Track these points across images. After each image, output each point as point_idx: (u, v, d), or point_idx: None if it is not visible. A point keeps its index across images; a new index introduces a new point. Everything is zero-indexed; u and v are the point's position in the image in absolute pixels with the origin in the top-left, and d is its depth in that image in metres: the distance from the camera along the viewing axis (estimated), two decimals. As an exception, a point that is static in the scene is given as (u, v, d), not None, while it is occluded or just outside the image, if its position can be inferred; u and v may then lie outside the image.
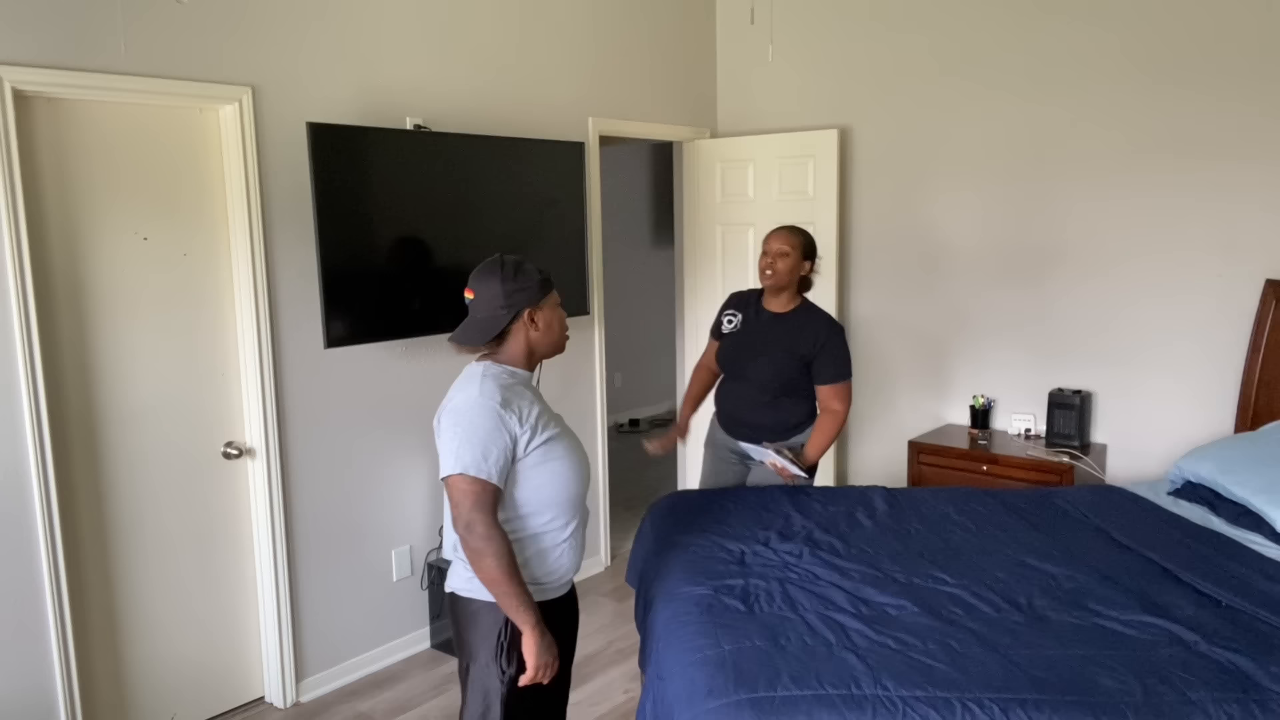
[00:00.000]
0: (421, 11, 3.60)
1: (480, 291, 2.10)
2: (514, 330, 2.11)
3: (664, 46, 4.71)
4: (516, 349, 2.13)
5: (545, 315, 2.14)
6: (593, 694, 3.48)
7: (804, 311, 3.32)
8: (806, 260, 3.28)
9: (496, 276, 2.08)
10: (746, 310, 3.38)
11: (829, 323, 3.29)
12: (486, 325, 2.09)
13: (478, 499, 1.97)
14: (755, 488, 3.35)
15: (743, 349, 3.34)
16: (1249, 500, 2.92)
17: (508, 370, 2.11)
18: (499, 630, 2.08)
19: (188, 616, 3.20)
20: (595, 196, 4.32)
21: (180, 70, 2.94)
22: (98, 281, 2.90)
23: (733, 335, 3.37)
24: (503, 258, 2.12)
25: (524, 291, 2.09)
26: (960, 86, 4.25)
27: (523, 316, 2.11)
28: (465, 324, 2.13)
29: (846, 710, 1.91)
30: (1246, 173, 3.58)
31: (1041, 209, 4.09)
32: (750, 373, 3.32)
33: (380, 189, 3.38)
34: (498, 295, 2.08)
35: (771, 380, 3.28)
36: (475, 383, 2.05)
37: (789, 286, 3.28)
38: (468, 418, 2.00)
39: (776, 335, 3.28)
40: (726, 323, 3.40)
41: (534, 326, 2.13)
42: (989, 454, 3.95)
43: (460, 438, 1.98)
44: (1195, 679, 2.00)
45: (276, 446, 3.28)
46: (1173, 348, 3.82)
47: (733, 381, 3.41)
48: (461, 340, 2.12)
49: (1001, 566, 2.64)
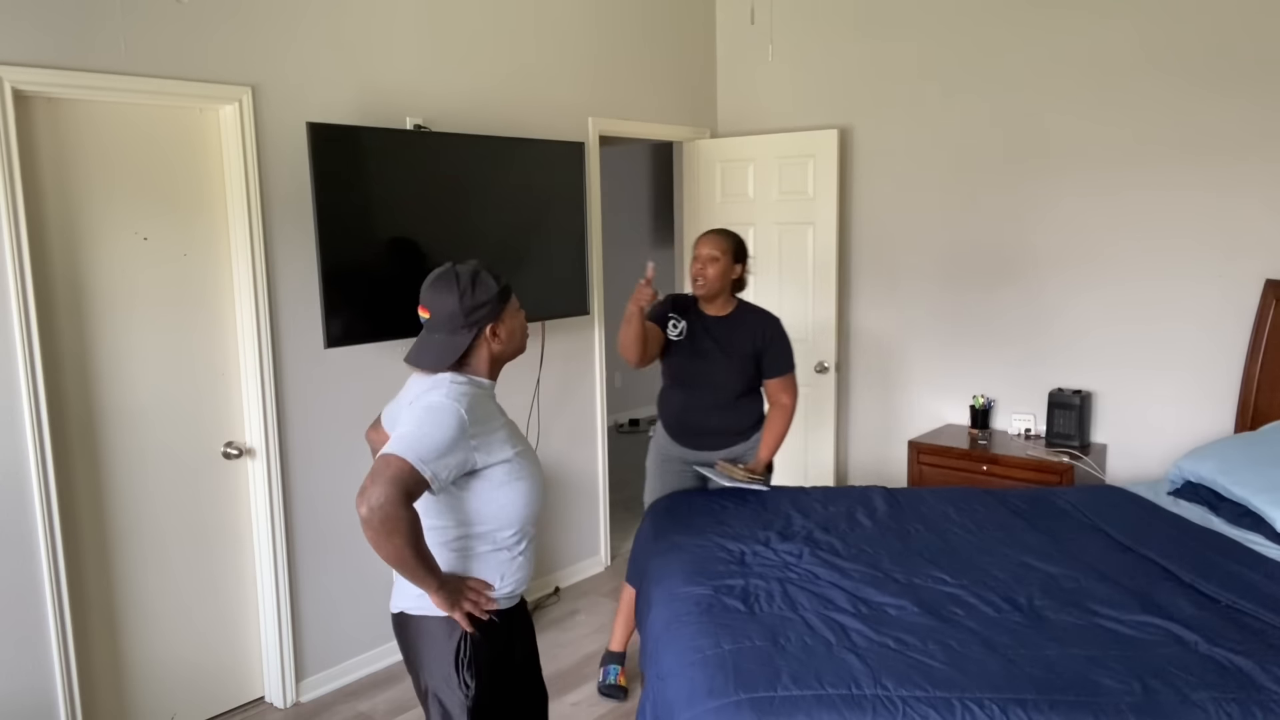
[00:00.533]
0: (421, 11, 3.60)
1: (437, 310, 1.96)
2: (476, 346, 2.00)
3: (664, 46, 4.71)
4: (480, 363, 2.02)
5: (507, 326, 2.04)
6: (593, 694, 3.48)
7: (743, 310, 3.32)
8: (737, 263, 3.24)
9: (453, 293, 1.95)
10: (688, 316, 3.31)
11: (770, 317, 3.31)
12: (447, 348, 1.97)
13: (403, 483, 1.80)
14: (754, 488, 3.34)
15: (696, 357, 3.28)
16: (1249, 500, 2.92)
17: (474, 381, 2.00)
18: (456, 646, 1.99)
19: (188, 616, 3.20)
20: (595, 196, 4.32)
21: (180, 70, 2.94)
22: (98, 281, 2.90)
23: (681, 344, 3.29)
24: (456, 270, 1.98)
25: (484, 307, 1.97)
26: (961, 86, 4.25)
27: (484, 333, 2.00)
28: (422, 344, 2.00)
29: (846, 710, 1.91)
30: (1246, 172, 3.58)
31: (1041, 208, 4.09)
32: (709, 379, 3.29)
33: (380, 189, 3.38)
34: (457, 315, 1.95)
35: (734, 383, 3.28)
36: (442, 388, 1.95)
37: (722, 291, 3.24)
38: (431, 418, 1.88)
39: (727, 338, 3.26)
40: (672, 327, 3.29)
41: (496, 339, 2.02)
42: (989, 454, 3.95)
43: (416, 429, 1.87)
44: (1195, 679, 2.00)
45: (276, 446, 3.28)
46: (1173, 348, 3.82)
47: (686, 389, 3.34)
48: (421, 364, 2.00)
49: (1001, 566, 2.64)
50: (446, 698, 2.00)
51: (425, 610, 2.01)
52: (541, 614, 4.18)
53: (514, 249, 3.89)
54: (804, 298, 4.68)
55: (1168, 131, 3.74)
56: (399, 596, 2.07)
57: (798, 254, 4.67)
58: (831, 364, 4.64)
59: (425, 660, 2.03)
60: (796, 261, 4.68)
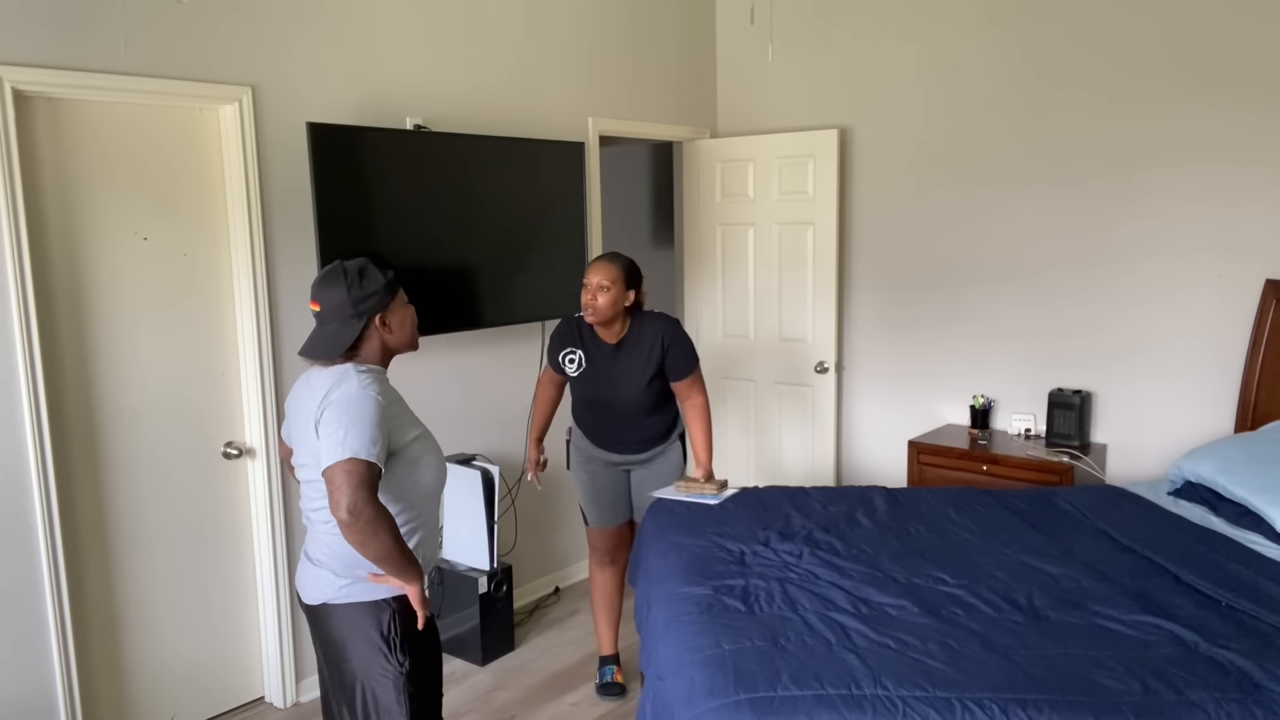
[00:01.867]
0: (422, 11, 3.60)
1: (326, 302, 2.08)
2: (368, 336, 2.11)
3: (664, 46, 4.71)
4: (371, 352, 2.13)
5: (396, 316, 2.15)
6: (593, 694, 3.48)
7: (639, 325, 3.19)
8: (630, 289, 3.12)
9: (341, 285, 2.06)
10: (584, 345, 3.22)
11: (664, 320, 3.21)
12: (338, 337, 2.08)
13: (363, 479, 1.93)
14: (755, 488, 3.35)
15: (600, 385, 3.23)
16: (1249, 500, 2.92)
17: (372, 369, 2.11)
18: (386, 624, 2.09)
19: (188, 616, 3.20)
20: (595, 196, 4.32)
21: (180, 70, 2.94)
22: (98, 281, 2.90)
23: (583, 375, 3.23)
24: (344, 265, 2.10)
25: (372, 298, 2.08)
26: (960, 86, 4.25)
27: (374, 323, 2.10)
28: (315, 336, 2.11)
29: (846, 710, 1.91)
30: (1246, 173, 3.58)
31: (1041, 208, 4.08)
32: (618, 403, 3.24)
33: (380, 189, 3.38)
34: (345, 305, 2.06)
35: (645, 402, 3.23)
36: (351, 378, 2.04)
37: (615, 319, 3.13)
38: (353, 408, 1.98)
39: (629, 360, 3.19)
40: (569, 364, 3.24)
41: (386, 330, 2.13)
42: (989, 454, 3.95)
43: (345, 426, 1.96)
44: (1195, 679, 1.99)
45: (276, 446, 3.28)
46: (1173, 348, 3.82)
47: (597, 411, 3.31)
48: (314, 355, 2.10)
49: (1001, 566, 2.64)
50: (377, 678, 2.09)
51: (350, 597, 2.10)
52: (541, 614, 4.18)
53: (514, 249, 3.89)
54: (804, 298, 4.68)
55: (1169, 131, 3.74)
56: (316, 588, 2.14)
57: (798, 254, 4.67)
58: (831, 364, 4.64)
59: (353, 646, 2.10)
60: (796, 261, 4.68)
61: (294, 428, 2.15)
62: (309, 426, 2.04)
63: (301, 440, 2.10)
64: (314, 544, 2.16)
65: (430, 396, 3.66)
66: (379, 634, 2.09)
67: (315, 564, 2.14)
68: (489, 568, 3.70)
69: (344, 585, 2.09)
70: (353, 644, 2.10)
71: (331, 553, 2.10)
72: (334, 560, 2.10)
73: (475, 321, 3.77)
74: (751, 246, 4.83)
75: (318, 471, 2.02)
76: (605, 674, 3.50)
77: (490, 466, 3.67)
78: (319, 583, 2.13)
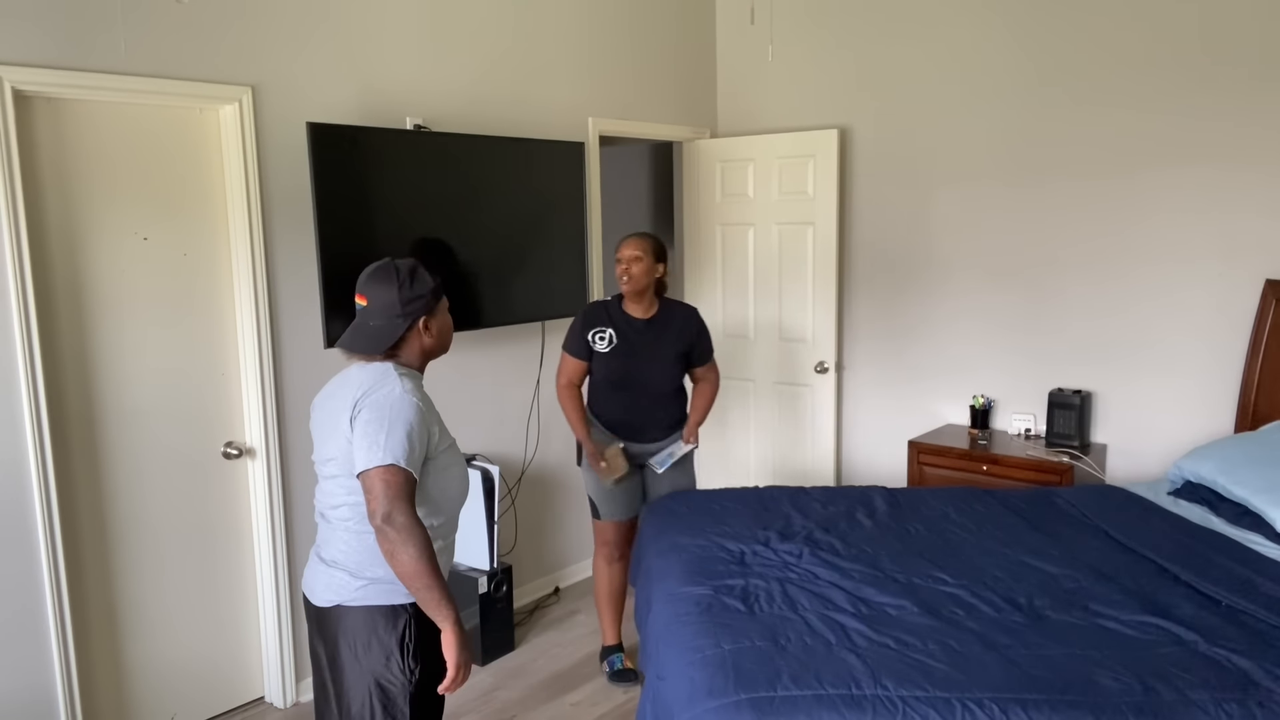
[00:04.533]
0: (421, 11, 3.60)
1: (375, 299, 2.06)
2: (410, 337, 2.10)
3: (664, 46, 4.71)
4: (411, 354, 2.12)
5: (438, 321, 2.15)
6: (593, 694, 3.48)
7: (667, 308, 3.46)
8: (659, 263, 3.37)
9: (393, 284, 2.05)
10: (614, 324, 3.38)
11: (692, 311, 3.50)
12: (382, 334, 2.07)
13: (401, 489, 1.92)
14: (755, 488, 3.36)
15: (630, 360, 3.37)
16: (1249, 500, 2.92)
17: (411, 372, 2.10)
18: (401, 631, 2.05)
19: (188, 616, 3.20)
20: (595, 196, 4.32)
21: (180, 70, 2.94)
22: (98, 281, 2.90)
23: (613, 351, 3.36)
24: (396, 264, 2.08)
25: (420, 300, 2.08)
26: (960, 86, 4.25)
27: (418, 325, 2.10)
28: (356, 330, 2.09)
29: (846, 710, 1.91)
30: (1247, 173, 3.58)
31: (1041, 208, 4.08)
32: (646, 379, 3.40)
33: (380, 189, 3.38)
34: (394, 304, 2.05)
35: (671, 381, 3.45)
36: (393, 381, 2.02)
37: (647, 289, 3.37)
38: (394, 411, 1.96)
39: (660, 338, 3.39)
40: (599, 341, 3.37)
41: (428, 334, 2.13)
42: (989, 454, 3.95)
43: (386, 429, 1.94)
44: (1195, 679, 2.00)
45: (276, 446, 3.28)
46: (1173, 348, 3.82)
47: (624, 390, 3.42)
48: (355, 348, 2.08)
49: (1001, 566, 2.64)
50: (389, 685, 2.05)
51: (366, 600, 2.05)
52: (541, 614, 4.18)
53: (514, 249, 3.89)
54: (804, 298, 4.68)
55: (1168, 131, 3.74)
56: (330, 589, 2.08)
57: (798, 254, 4.67)
58: (831, 364, 4.64)
59: (364, 650, 2.05)
60: (796, 261, 4.68)
61: (322, 422, 2.11)
62: (340, 419, 2.01)
63: (330, 434, 2.05)
64: (327, 544, 2.11)
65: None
66: (394, 640, 2.04)
67: (329, 564, 2.08)
68: (489, 568, 3.71)
69: (360, 586, 2.04)
70: (364, 647, 2.05)
71: (348, 552, 2.05)
72: (350, 560, 2.05)
73: (475, 321, 3.77)
74: (751, 246, 4.83)
75: (341, 468, 2.00)
76: (614, 662, 3.56)
77: (490, 466, 3.67)
78: (332, 583, 2.07)
